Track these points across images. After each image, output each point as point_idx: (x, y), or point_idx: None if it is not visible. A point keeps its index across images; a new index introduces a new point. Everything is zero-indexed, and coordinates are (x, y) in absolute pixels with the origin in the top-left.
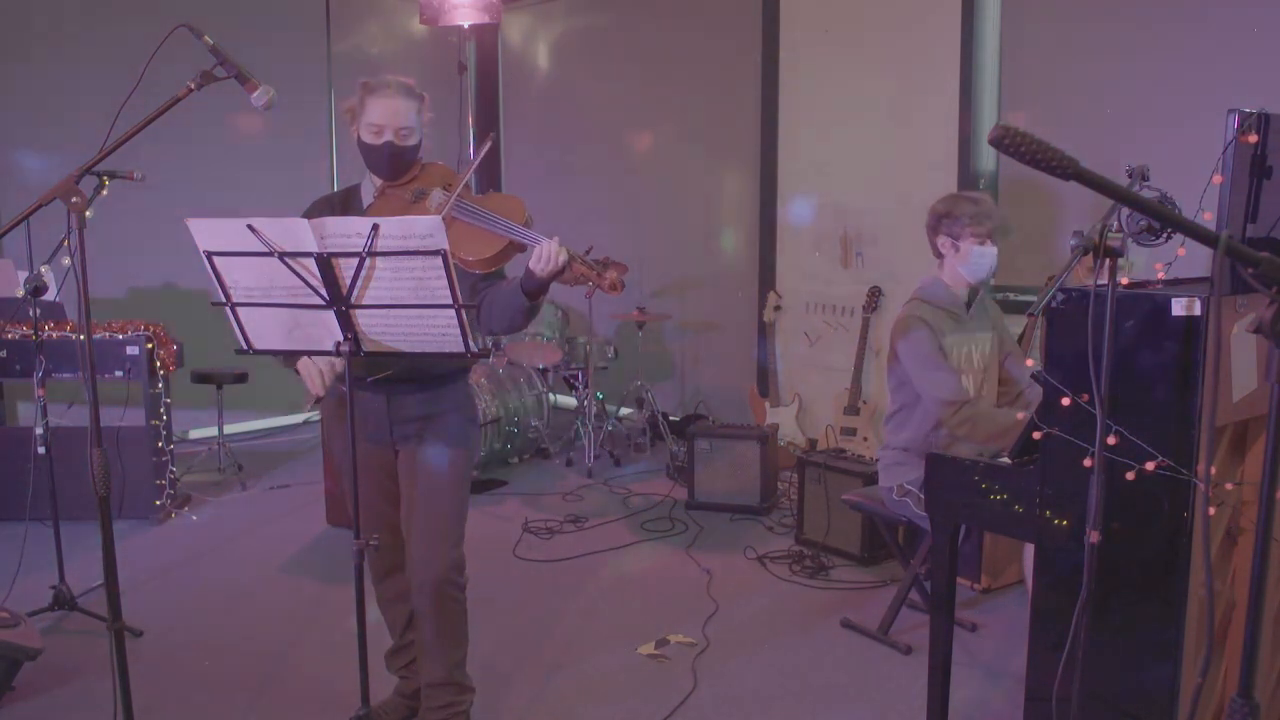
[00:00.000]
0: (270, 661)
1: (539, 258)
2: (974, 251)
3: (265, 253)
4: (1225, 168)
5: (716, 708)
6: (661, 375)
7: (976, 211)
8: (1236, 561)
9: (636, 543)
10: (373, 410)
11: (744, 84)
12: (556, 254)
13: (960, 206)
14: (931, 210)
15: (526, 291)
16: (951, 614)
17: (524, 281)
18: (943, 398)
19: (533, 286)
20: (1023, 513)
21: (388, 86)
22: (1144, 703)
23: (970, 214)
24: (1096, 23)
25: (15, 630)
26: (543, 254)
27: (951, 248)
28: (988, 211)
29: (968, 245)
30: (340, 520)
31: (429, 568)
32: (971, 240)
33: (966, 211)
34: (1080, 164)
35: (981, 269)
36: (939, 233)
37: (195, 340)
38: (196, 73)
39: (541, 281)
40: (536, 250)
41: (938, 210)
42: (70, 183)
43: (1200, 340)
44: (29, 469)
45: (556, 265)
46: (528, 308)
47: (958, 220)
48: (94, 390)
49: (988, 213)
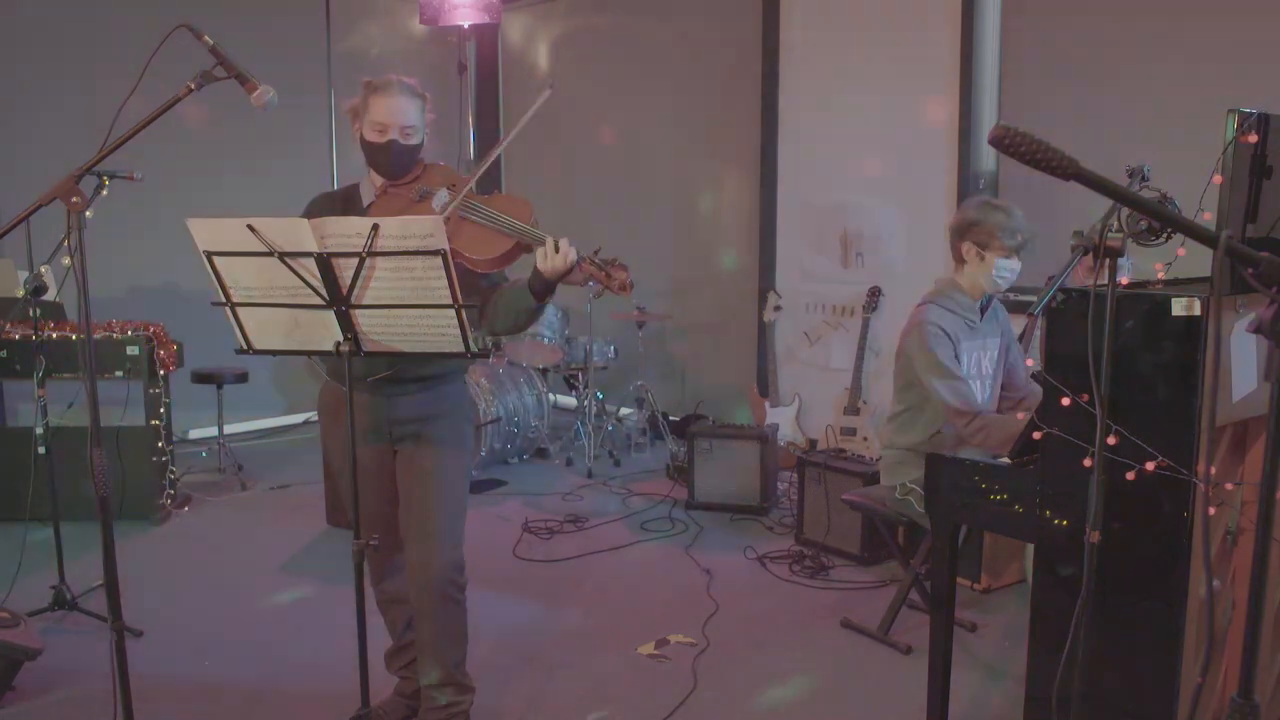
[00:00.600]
0: (270, 661)
1: (548, 257)
2: (1000, 264)
3: (265, 253)
4: (1225, 168)
5: (716, 708)
6: (661, 375)
7: (1009, 225)
8: (1236, 561)
9: (636, 543)
10: (371, 410)
11: (744, 84)
12: (566, 252)
13: (993, 216)
14: (961, 214)
15: (534, 292)
16: (951, 614)
17: (532, 282)
18: (958, 407)
19: (541, 287)
20: (1023, 513)
21: (392, 85)
22: (1144, 703)
23: (1003, 226)
24: (1096, 23)
25: (15, 630)
26: (551, 253)
27: (976, 256)
28: (1019, 225)
29: (994, 256)
30: (340, 520)
31: (429, 568)
32: (999, 252)
33: (999, 223)
34: (1080, 164)
35: (1003, 282)
36: (965, 239)
37: (195, 340)
38: (196, 73)
39: (549, 282)
40: (544, 249)
41: (969, 216)
42: (70, 183)
43: (1200, 340)
44: (29, 469)
45: (566, 265)
46: (534, 309)
47: (988, 230)
48: (94, 390)
49: (1019, 226)
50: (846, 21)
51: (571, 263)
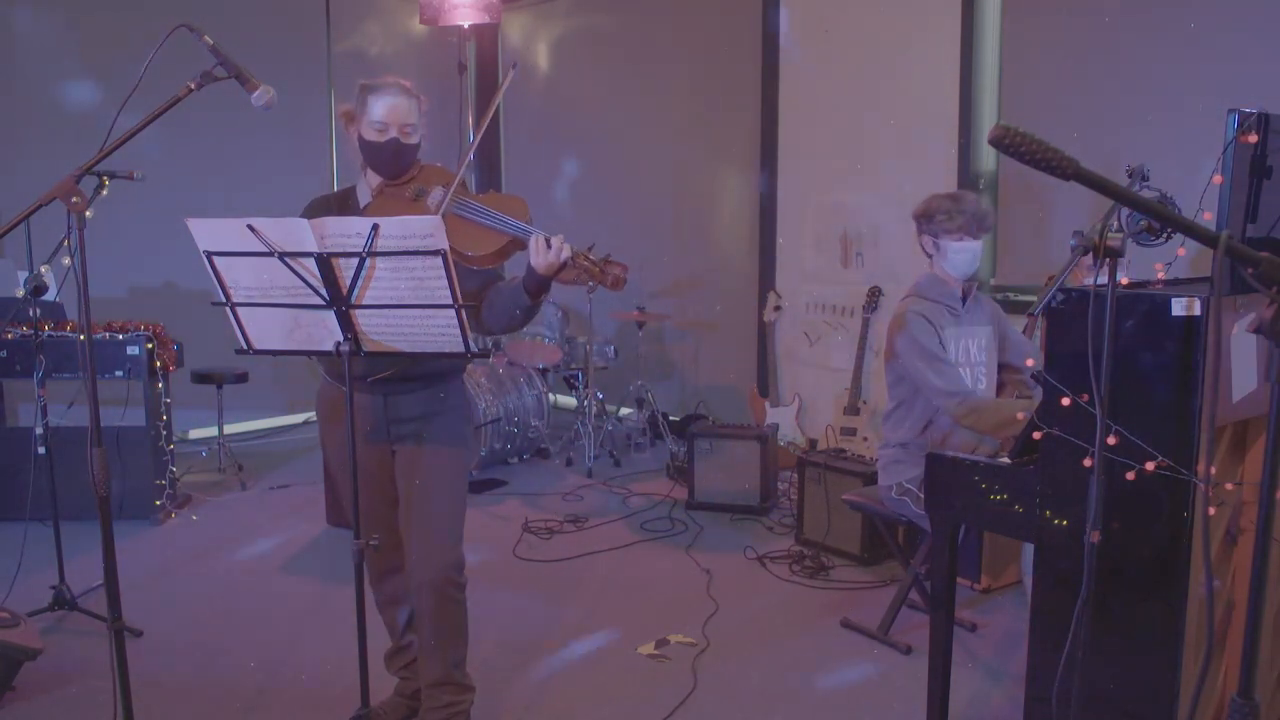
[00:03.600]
0: (270, 662)
1: (540, 252)
2: (952, 248)
3: (265, 253)
4: (1225, 168)
5: (716, 708)
6: (661, 375)
7: (951, 208)
8: (1236, 561)
9: (636, 543)
10: (370, 410)
11: (744, 84)
12: (560, 248)
13: (935, 204)
14: (913, 213)
15: (528, 290)
16: (951, 614)
17: (526, 279)
18: (945, 388)
19: (534, 284)
20: (1023, 513)
21: (389, 85)
22: (1144, 703)
23: (945, 210)
24: (1096, 22)
25: (15, 630)
26: (542, 248)
27: (934, 246)
28: (962, 207)
29: (946, 242)
30: (340, 520)
31: (429, 568)
32: (949, 237)
33: (941, 208)
34: (1080, 164)
35: (962, 265)
36: (922, 233)
37: (195, 340)
38: (196, 73)
39: (543, 279)
40: (538, 246)
41: (917, 212)
42: (70, 183)
43: (1200, 340)
44: (29, 469)
45: (559, 260)
46: (529, 307)
47: (934, 219)
48: (94, 390)
49: (962, 208)
50: (847, 21)
51: (565, 258)
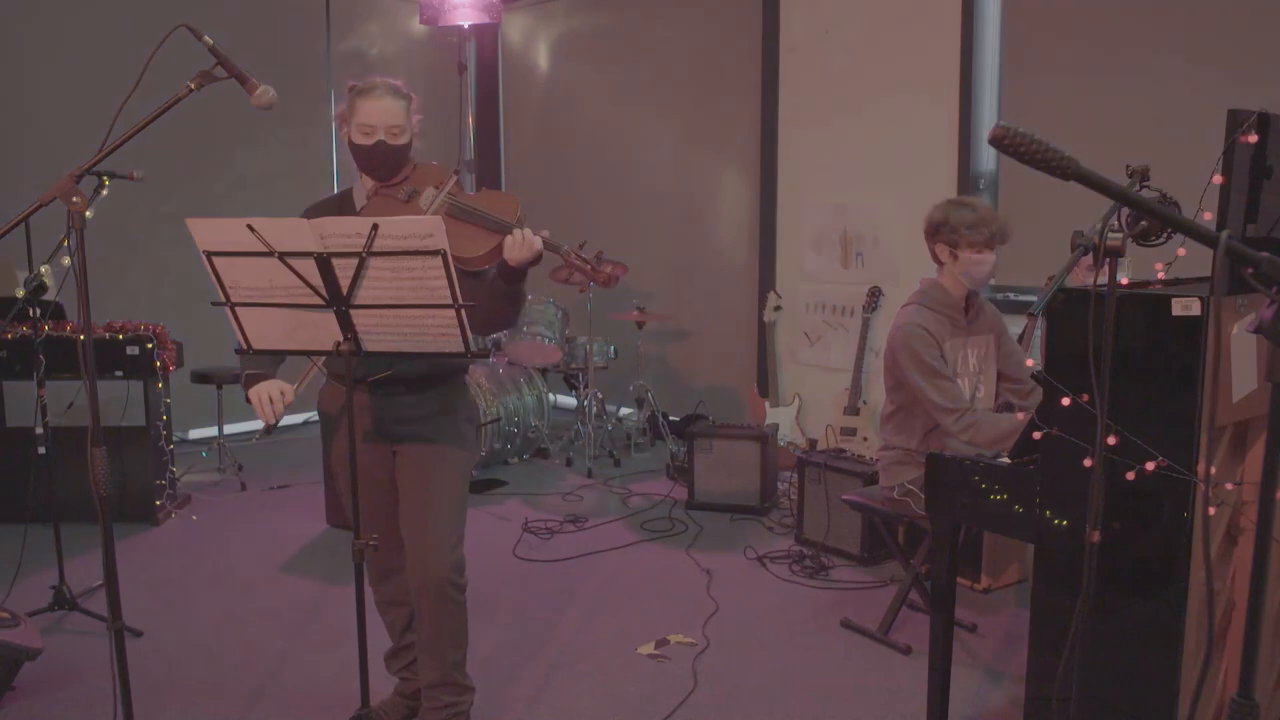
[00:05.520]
0: (270, 662)
1: (513, 247)
2: (972, 260)
3: (265, 253)
4: (1225, 168)
5: (716, 708)
6: (661, 375)
7: (974, 219)
8: (1236, 561)
9: (636, 543)
10: (371, 411)
11: (744, 84)
12: (530, 241)
13: (957, 214)
14: (928, 218)
15: (503, 276)
16: (951, 614)
17: (500, 267)
18: (943, 404)
19: (508, 272)
20: (1023, 513)
21: (376, 87)
22: (1144, 703)
23: (968, 222)
24: (1096, 23)
25: (15, 630)
26: (517, 243)
27: (950, 256)
28: (985, 218)
29: (966, 254)
30: (340, 520)
31: (429, 568)
32: (970, 250)
33: (964, 220)
34: (1080, 164)
35: (979, 277)
36: (936, 240)
37: (195, 340)
38: (196, 73)
39: (514, 270)
40: (512, 241)
41: (934, 218)
42: (70, 183)
43: (1200, 340)
44: (29, 469)
45: (531, 253)
46: (508, 293)
47: (956, 230)
48: (94, 390)
49: (985, 219)
50: (847, 21)
51: (536, 251)
